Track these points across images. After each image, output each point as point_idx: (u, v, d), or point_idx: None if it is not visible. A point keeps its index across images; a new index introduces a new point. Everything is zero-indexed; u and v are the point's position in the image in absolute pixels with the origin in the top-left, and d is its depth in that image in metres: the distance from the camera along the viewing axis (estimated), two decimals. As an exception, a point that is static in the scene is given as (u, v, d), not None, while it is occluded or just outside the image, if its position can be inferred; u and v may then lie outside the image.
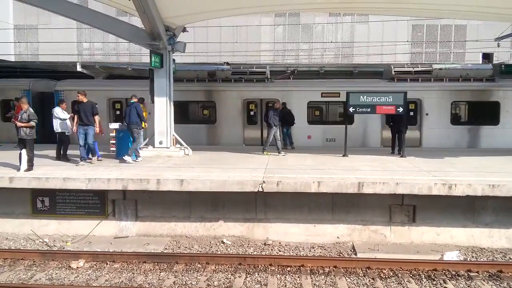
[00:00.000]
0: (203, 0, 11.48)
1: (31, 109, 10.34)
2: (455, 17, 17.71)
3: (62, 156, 12.09)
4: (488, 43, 18.25)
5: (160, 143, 13.10)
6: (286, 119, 15.12)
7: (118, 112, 17.53)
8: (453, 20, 22.04)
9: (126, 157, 11.52)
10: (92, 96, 12.43)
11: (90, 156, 11.57)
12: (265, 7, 13.37)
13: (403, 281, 7.29)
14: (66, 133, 12.07)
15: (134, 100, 12.33)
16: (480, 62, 21.44)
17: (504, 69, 16.84)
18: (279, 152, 13.39)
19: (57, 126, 11.95)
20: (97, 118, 11.44)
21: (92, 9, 13.61)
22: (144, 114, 13.24)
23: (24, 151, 10.13)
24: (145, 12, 11.08)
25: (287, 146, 15.25)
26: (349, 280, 7.39)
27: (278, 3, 12.30)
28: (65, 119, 11.99)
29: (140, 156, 12.08)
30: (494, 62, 19.27)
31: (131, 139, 11.96)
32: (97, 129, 11.52)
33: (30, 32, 24.00)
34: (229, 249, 8.99)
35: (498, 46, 16.72)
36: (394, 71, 17.05)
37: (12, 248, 9.03)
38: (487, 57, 21.18)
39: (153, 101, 13.08)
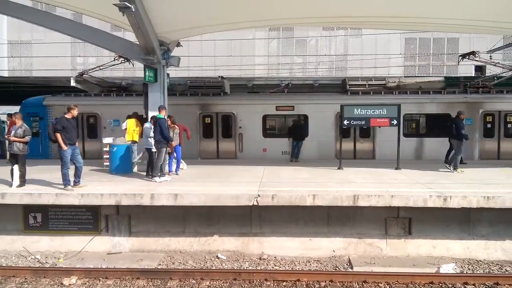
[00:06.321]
0: (197, 15, 11.52)
1: (25, 125, 10.29)
2: (448, 30, 17.91)
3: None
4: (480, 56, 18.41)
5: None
6: (301, 132, 15.20)
7: None
8: (446, 33, 22.32)
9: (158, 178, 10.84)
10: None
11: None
12: (259, 21, 13.43)
13: (399, 295, 7.23)
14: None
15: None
16: (473, 74, 21.68)
17: (496, 81, 16.96)
18: (455, 169, 12.20)
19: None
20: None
21: (86, 25, 13.63)
22: (138, 128, 13.20)
23: (16, 167, 10.03)
24: (140, 28, 11.09)
25: (292, 158, 15.20)
26: (345, 294, 7.32)
27: (272, 17, 12.34)
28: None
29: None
30: (486, 74, 19.46)
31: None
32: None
33: (24, 47, 24.06)
34: (224, 264, 8.88)
35: (491, 58, 16.88)
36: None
37: (3, 265, 8.87)
38: (479, 69, 21.41)
39: (147, 115, 13.03)
